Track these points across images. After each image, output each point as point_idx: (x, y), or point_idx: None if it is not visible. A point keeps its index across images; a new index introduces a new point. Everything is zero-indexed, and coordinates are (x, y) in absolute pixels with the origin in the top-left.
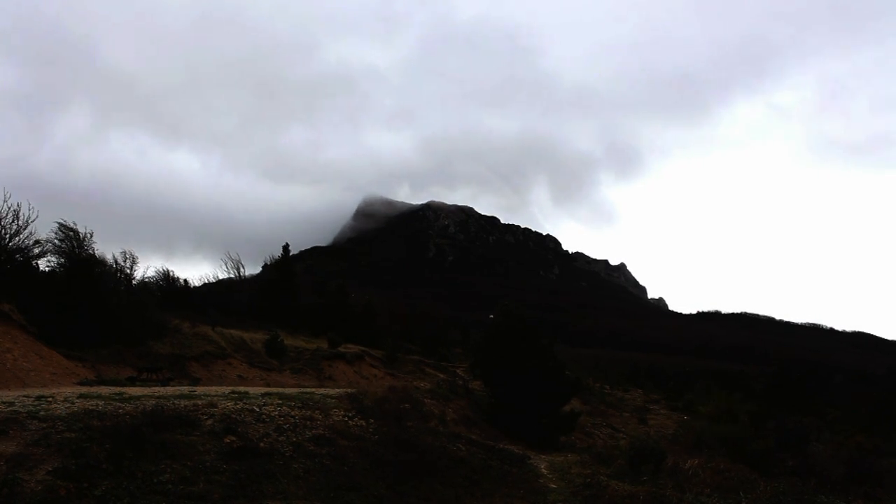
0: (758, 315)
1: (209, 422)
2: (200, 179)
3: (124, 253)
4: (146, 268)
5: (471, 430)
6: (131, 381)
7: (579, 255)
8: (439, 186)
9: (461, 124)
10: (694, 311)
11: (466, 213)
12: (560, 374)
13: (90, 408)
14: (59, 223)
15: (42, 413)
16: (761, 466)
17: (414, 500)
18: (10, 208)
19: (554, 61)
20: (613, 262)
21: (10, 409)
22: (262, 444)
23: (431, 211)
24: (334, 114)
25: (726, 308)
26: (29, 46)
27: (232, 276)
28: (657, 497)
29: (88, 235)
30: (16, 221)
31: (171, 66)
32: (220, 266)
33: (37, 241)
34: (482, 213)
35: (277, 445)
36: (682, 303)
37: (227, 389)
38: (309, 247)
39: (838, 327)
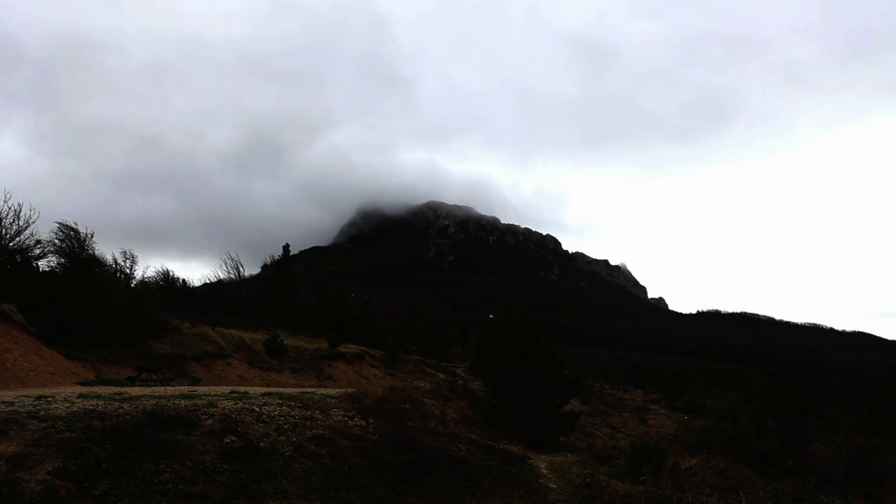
0: (758, 315)
1: (209, 422)
2: None
3: (124, 253)
4: (146, 268)
5: (471, 430)
6: (131, 381)
7: (579, 255)
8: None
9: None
10: (694, 311)
11: (466, 213)
12: (560, 374)
13: (90, 408)
14: (59, 223)
15: (42, 413)
16: (761, 466)
17: (414, 500)
18: (10, 209)
19: None
20: (613, 262)
21: (10, 408)
22: (262, 444)
23: (431, 211)
24: None
25: (726, 308)
26: None
27: (232, 276)
28: (657, 497)
29: (89, 236)
30: (16, 222)
31: None
32: (219, 266)
33: (38, 242)
34: (482, 213)
35: (277, 445)
36: (682, 303)
37: (227, 389)
38: (309, 247)
39: (838, 327)
